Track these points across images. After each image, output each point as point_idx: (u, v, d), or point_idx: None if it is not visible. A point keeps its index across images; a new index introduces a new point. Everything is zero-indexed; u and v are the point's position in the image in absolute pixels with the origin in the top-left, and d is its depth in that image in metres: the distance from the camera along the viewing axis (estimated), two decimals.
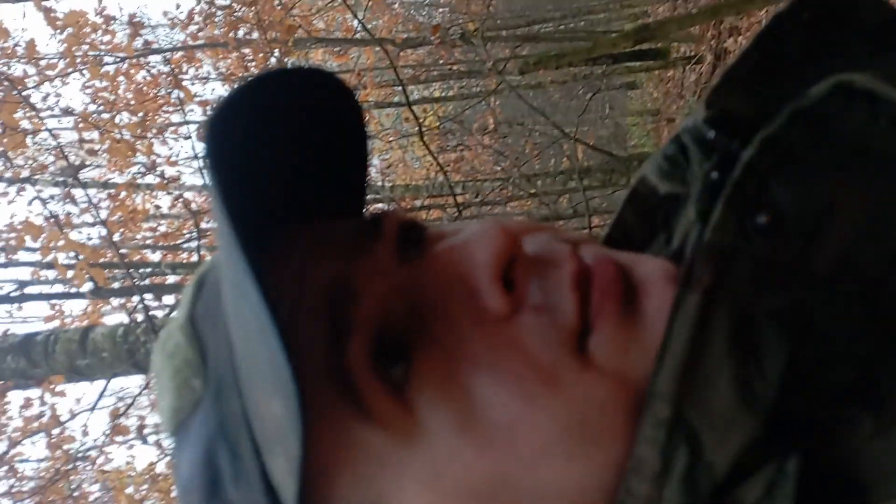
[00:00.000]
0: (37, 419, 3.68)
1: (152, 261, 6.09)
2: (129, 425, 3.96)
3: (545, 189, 5.24)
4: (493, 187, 5.64)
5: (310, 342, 0.34)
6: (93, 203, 3.78)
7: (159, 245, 6.70)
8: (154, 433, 4.15)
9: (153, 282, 5.02)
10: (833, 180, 0.35)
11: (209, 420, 0.36)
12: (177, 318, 0.40)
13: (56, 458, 3.85)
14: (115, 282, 4.41)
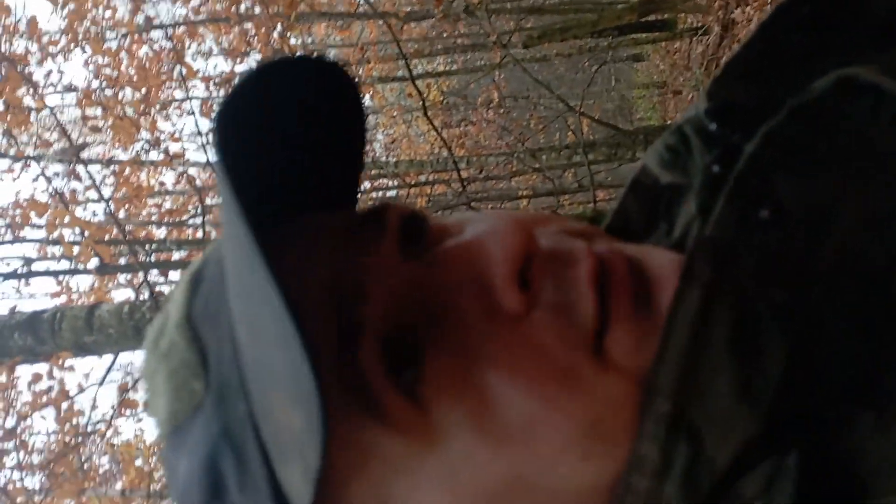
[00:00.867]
0: (46, 393, 3.72)
1: (158, 237, 6.11)
2: (138, 399, 4.00)
3: (550, 164, 5.22)
4: (497, 162, 5.61)
5: (319, 344, 0.33)
6: (96, 182, 3.78)
7: (164, 221, 6.72)
8: None
9: (159, 258, 5.04)
10: (836, 175, 0.35)
11: (211, 424, 0.35)
12: (170, 315, 0.39)
13: (65, 432, 3.90)
14: (122, 257, 4.43)
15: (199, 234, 5.49)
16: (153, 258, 4.86)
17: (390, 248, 0.36)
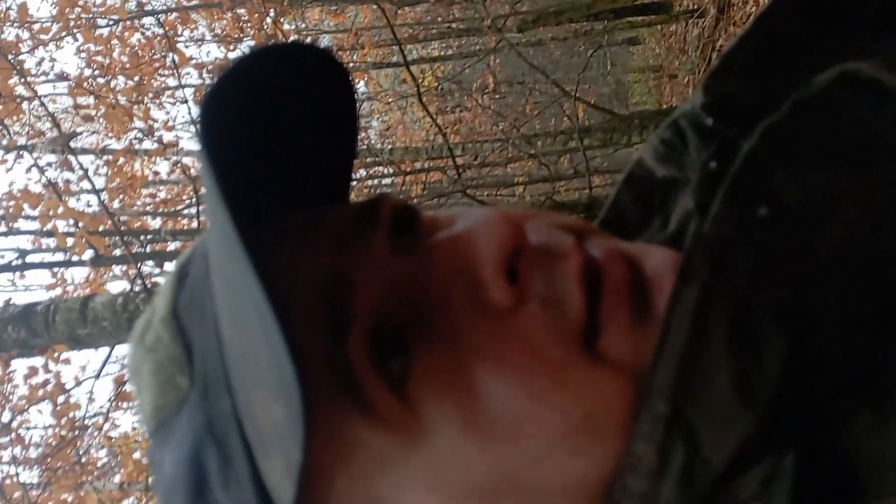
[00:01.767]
0: (42, 387, 3.72)
1: (152, 228, 6.10)
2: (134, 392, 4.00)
3: (545, 149, 5.20)
4: (492, 148, 5.60)
5: (308, 336, 0.33)
6: (87, 173, 3.76)
7: (159, 211, 6.71)
8: None
9: (154, 249, 5.03)
10: (836, 172, 0.34)
11: (195, 419, 0.35)
12: (156, 309, 0.38)
13: (62, 425, 3.91)
14: (117, 249, 4.42)
15: (195, 224, 5.48)
16: (148, 249, 4.85)
17: (381, 241, 0.36)
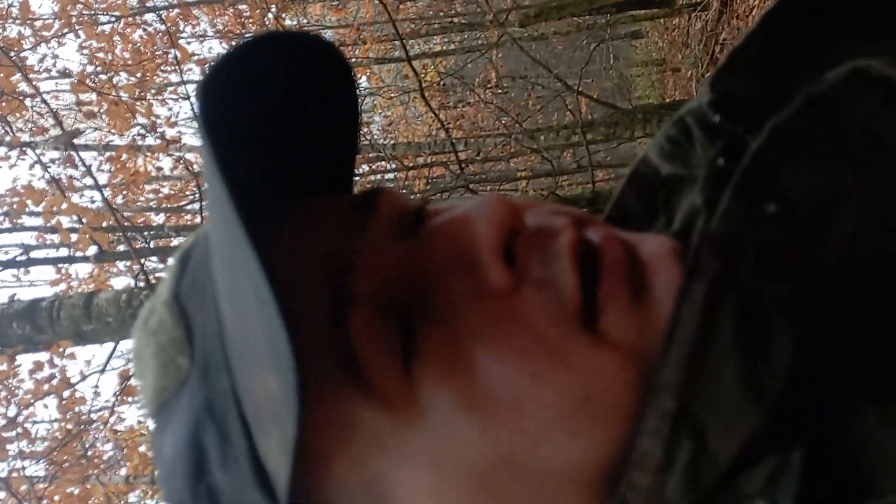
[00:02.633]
0: (47, 382, 3.73)
1: (156, 223, 6.10)
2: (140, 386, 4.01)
3: (548, 144, 5.19)
4: (495, 143, 5.59)
5: (308, 316, 0.33)
6: (89, 169, 3.76)
7: (162, 207, 6.71)
8: None
9: (157, 244, 5.03)
10: (845, 168, 0.34)
11: (195, 399, 0.35)
12: (159, 294, 0.39)
13: (68, 420, 3.92)
14: (120, 245, 4.43)
15: (198, 219, 5.48)
16: (151, 245, 4.85)
17: (382, 228, 0.36)
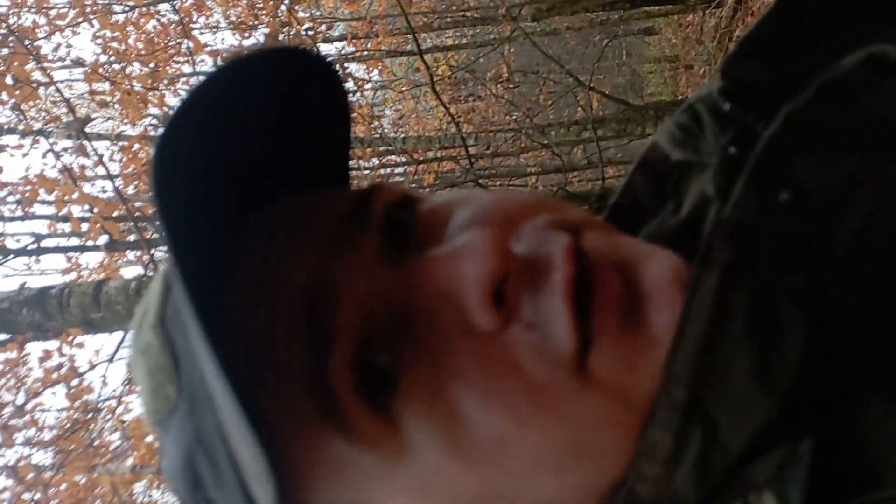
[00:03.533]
0: (56, 370, 3.76)
1: None
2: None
3: (559, 140, 5.17)
4: (505, 138, 5.57)
5: (288, 354, 0.33)
6: (101, 158, 3.78)
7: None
8: None
9: None
10: (859, 156, 0.34)
11: (186, 428, 0.35)
12: (148, 310, 0.39)
13: (75, 408, 3.95)
14: (131, 234, 4.44)
15: None
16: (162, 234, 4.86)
17: (370, 248, 0.35)
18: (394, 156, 6.56)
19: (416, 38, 4.55)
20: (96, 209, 3.62)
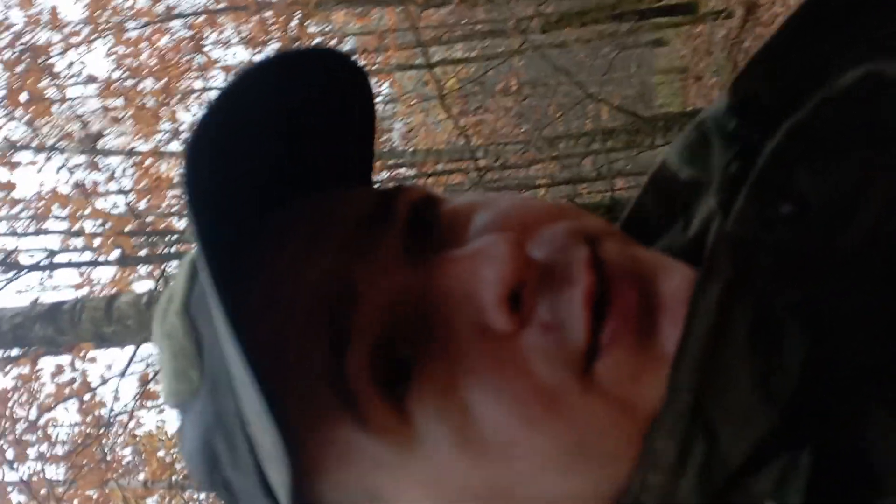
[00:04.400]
0: (68, 385, 3.78)
1: (178, 228, 6.16)
2: (159, 390, 4.05)
3: (568, 151, 5.17)
4: (514, 150, 5.58)
5: (308, 347, 0.34)
6: (114, 174, 3.81)
7: (185, 213, 6.75)
8: None
9: (179, 249, 5.08)
10: (859, 169, 0.34)
11: (206, 411, 0.37)
12: (174, 296, 0.40)
13: (88, 423, 3.96)
14: (143, 249, 4.47)
15: None
16: (173, 249, 4.90)
17: (393, 247, 0.36)
18: (403, 169, 6.58)
19: (426, 52, 4.57)
20: (108, 224, 3.65)
